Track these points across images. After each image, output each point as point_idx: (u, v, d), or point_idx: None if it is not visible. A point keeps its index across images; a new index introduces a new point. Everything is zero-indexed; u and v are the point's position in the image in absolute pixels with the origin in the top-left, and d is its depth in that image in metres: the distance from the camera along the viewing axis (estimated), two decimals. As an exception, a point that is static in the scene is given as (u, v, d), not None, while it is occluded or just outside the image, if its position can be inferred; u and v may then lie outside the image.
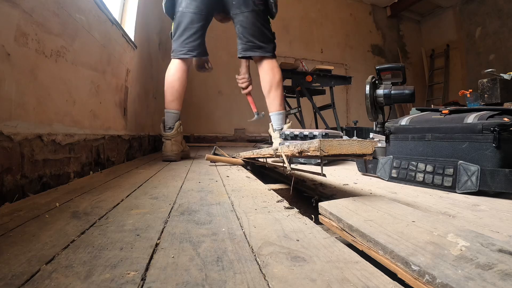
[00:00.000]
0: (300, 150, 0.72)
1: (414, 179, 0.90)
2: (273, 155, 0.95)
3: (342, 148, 0.65)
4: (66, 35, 1.02)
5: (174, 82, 1.69)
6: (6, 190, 0.70)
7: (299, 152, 0.72)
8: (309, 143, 0.67)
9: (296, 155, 0.75)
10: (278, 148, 0.92)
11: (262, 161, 1.32)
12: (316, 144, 0.63)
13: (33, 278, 0.32)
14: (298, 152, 0.73)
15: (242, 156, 1.41)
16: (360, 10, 5.81)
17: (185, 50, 1.69)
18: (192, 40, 1.69)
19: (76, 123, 1.11)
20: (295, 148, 0.75)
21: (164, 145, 1.66)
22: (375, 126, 1.55)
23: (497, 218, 0.56)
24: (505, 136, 0.76)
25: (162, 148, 1.68)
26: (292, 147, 0.77)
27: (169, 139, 1.64)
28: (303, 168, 0.98)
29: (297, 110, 2.83)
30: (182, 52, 1.69)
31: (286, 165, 0.81)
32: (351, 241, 0.48)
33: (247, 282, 0.31)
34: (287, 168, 0.81)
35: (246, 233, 0.47)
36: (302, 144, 0.70)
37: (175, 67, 1.71)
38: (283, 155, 0.82)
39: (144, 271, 0.34)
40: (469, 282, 0.29)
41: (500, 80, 2.18)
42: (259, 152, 1.20)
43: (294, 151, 0.75)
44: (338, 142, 0.65)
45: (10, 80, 0.74)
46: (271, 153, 1.01)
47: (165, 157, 1.65)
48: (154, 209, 0.61)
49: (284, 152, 0.82)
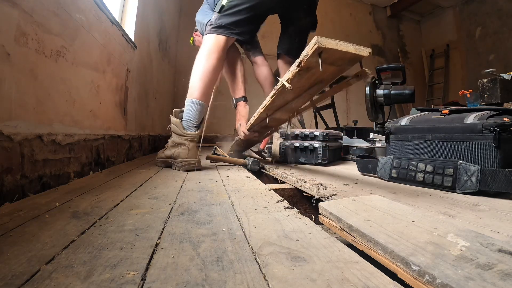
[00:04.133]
0: (300, 60, 0.82)
1: (414, 179, 0.90)
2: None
3: (338, 45, 0.76)
4: (66, 35, 1.02)
5: (213, 67, 1.30)
6: (6, 190, 0.70)
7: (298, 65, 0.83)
8: (308, 46, 0.77)
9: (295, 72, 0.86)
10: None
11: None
12: (315, 40, 0.73)
13: (33, 278, 0.32)
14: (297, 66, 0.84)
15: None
16: (360, 10, 5.82)
17: (238, 30, 1.34)
18: (248, 24, 1.36)
19: (76, 123, 1.11)
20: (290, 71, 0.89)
21: (178, 149, 1.26)
22: (375, 126, 1.55)
23: (497, 218, 0.56)
24: (505, 136, 0.76)
25: (174, 152, 1.27)
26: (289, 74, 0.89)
27: (194, 140, 1.25)
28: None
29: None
30: (235, 32, 1.33)
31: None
32: (351, 241, 0.48)
33: (247, 282, 0.31)
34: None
35: (246, 233, 0.47)
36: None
37: (217, 45, 1.31)
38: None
39: (144, 271, 0.34)
40: (469, 282, 0.29)
41: (500, 80, 2.18)
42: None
43: (292, 71, 0.87)
44: (334, 41, 0.75)
45: (10, 80, 0.74)
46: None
47: (187, 166, 1.23)
48: (154, 209, 0.61)
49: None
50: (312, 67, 0.86)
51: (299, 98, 1.15)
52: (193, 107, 1.28)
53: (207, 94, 1.31)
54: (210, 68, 1.30)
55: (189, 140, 1.25)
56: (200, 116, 1.30)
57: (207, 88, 1.30)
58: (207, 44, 1.32)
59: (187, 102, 1.29)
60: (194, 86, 1.29)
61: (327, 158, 1.46)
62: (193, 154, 1.25)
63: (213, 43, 1.31)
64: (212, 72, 1.30)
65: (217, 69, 1.33)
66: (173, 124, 1.28)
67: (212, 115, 4.44)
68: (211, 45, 1.31)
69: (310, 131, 1.55)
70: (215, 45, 1.31)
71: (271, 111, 1.27)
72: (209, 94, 1.33)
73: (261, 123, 1.41)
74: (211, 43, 1.32)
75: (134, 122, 2.02)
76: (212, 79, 1.31)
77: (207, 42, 1.33)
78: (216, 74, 1.33)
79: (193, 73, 1.32)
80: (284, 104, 1.21)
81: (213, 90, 1.34)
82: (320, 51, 0.76)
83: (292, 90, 0.96)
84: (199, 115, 1.29)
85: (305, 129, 1.59)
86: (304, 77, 0.94)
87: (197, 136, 1.27)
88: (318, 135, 1.50)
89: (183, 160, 1.24)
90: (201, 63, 1.30)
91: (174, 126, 1.28)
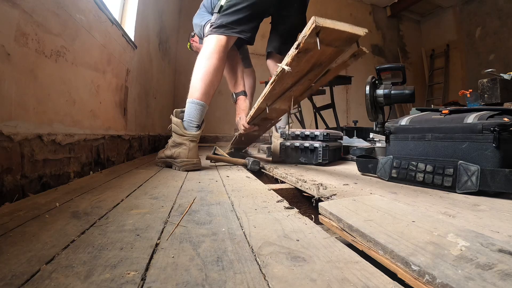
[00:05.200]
0: (298, 42, 0.83)
1: (414, 179, 0.90)
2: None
3: (335, 25, 0.78)
4: (66, 35, 1.02)
5: (214, 68, 1.29)
6: (6, 190, 0.70)
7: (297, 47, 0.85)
8: (306, 27, 0.79)
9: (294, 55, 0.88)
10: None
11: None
12: (312, 20, 0.75)
13: (33, 278, 0.32)
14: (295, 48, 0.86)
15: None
16: (360, 10, 5.82)
17: (239, 29, 1.32)
18: (249, 22, 1.35)
19: (76, 123, 1.11)
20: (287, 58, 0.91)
21: (179, 149, 1.25)
22: (375, 126, 1.55)
23: (497, 218, 0.56)
24: (505, 136, 0.76)
25: (174, 152, 1.27)
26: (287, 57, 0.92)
27: (194, 141, 1.25)
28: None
29: (297, 110, 2.83)
30: (236, 31, 1.32)
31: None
32: (351, 241, 0.48)
33: (247, 282, 0.31)
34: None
35: (246, 233, 0.47)
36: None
37: (219, 45, 1.30)
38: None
39: (144, 271, 0.34)
40: (469, 282, 0.29)
41: (500, 80, 2.18)
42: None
43: (291, 55, 0.89)
44: (331, 20, 0.78)
45: (10, 80, 0.74)
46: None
47: (187, 166, 1.23)
48: (154, 209, 0.61)
49: None
50: (311, 48, 0.87)
51: (298, 84, 1.16)
52: (194, 107, 1.28)
53: (208, 95, 1.30)
54: (211, 68, 1.29)
55: (190, 140, 1.24)
56: (201, 117, 1.30)
57: (208, 89, 1.29)
58: (208, 44, 1.32)
59: (188, 102, 1.29)
60: (195, 87, 1.29)
61: (327, 158, 1.46)
62: (193, 154, 1.25)
63: (215, 43, 1.31)
64: (213, 72, 1.29)
65: (219, 70, 1.32)
66: (174, 124, 1.28)
67: (212, 115, 4.46)
68: (213, 45, 1.31)
69: (311, 131, 1.55)
70: (217, 45, 1.31)
71: (271, 100, 1.27)
72: (211, 94, 1.32)
73: (261, 114, 1.41)
74: (213, 43, 1.31)
75: (134, 122, 2.03)
76: (214, 79, 1.30)
77: (208, 42, 1.32)
78: (218, 75, 1.32)
79: (194, 73, 1.31)
80: (283, 91, 1.21)
81: (214, 91, 1.33)
82: (318, 30, 0.78)
83: (292, 74, 0.98)
84: (200, 116, 1.29)
85: (305, 129, 1.59)
86: (303, 60, 0.95)
87: (198, 137, 1.27)
88: (319, 135, 1.50)
89: (183, 160, 1.23)
90: (202, 64, 1.30)
91: (174, 126, 1.27)
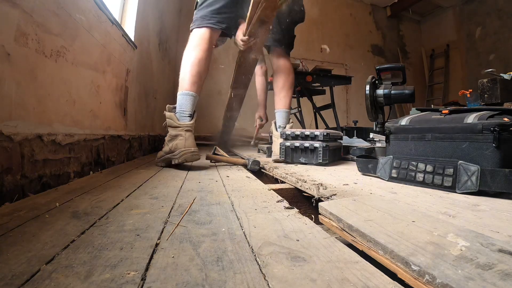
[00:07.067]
0: None
1: (414, 179, 0.90)
2: None
3: None
4: (66, 35, 1.02)
5: (198, 59, 1.34)
6: (6, 190, 0.70)
7: None
8: None
9: None
10: None
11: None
12: None
13: (33, 278, 0.32)
14: None
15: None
16: (360, 10, 5.81)
17: (214, 20, 1.40)
18: (224, 12, 1.41)
19: (76, 123, 1.11)
20: None
21: (176, 141, 1.24)
22: (375, 126, 1.55)
23: (497, 218, 0.56)
24: (505, 136, 0.76)
25: (171, 146, 1.26)
26: None
27: (189, 130, 1.26)
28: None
29: (297, 110, 2.83)
30: (212, 22, 1.40)
31: None
32: (351, 241, 0.48)
33: (247, 282, 0.31)
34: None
35: (246, 233, 0.47)
36: None
37: (200, 37, 1.37)
38: None
39: (144, 271, 0.34)
40: (469, 282, 0.29)
41: (500, 80, 2.18)
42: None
43: None
44: None
45: (10, 80, 0.74)
46: None
47: (186, 155, 1.22)
48: (154, 209, 0.61)
49: None
50: None
51: None
52: (184, 98, 1.32)
53: (196, 85, 1.34)
54: (196, 59, 1.35)
55: (185, 130, 1.26)
56: (193, 106, 1.33)
57: (196, 79, 1.33)
58: (191, 38, 1.41)
59: (178, 95, 1.33)
60: (183, 79, 1.34)
61: (327, 158, 1.46)
62: (190, 143, 1.25)
63: (196, 36, 1.40)
64: (198, 63, 1.34)
65: (205, 60, 1.36)
66: (168, 118, 1.30)
67: (212, 115, 4.47)
68: (195, 38, 1.39)
69: (311, 131, 1.55)
70: (198, 37, 1.38)
71: None
72: (199, 85, 1.35)
73: (257, 11, 1.31)
74: (194, 36, 1.40)
75: (134, 122, 2.03)
76: (200, 70, 1.35)
77: (191, 37, 1.42)
78: (204, 65, 1.36)
79: (182, 67, 1.37)
80: None
81: (202, 81, 1.37)
82: None
83: None
84: (191, 105, 1.32)
85: (305, 129, 1.59)
86: None
87: (192, 126, 1.28)
88: (319, 135, 1.50)
89: (181, 150, 1.23)
90: (187, 56, 1.36)
91: (169, 120, 1.29)
